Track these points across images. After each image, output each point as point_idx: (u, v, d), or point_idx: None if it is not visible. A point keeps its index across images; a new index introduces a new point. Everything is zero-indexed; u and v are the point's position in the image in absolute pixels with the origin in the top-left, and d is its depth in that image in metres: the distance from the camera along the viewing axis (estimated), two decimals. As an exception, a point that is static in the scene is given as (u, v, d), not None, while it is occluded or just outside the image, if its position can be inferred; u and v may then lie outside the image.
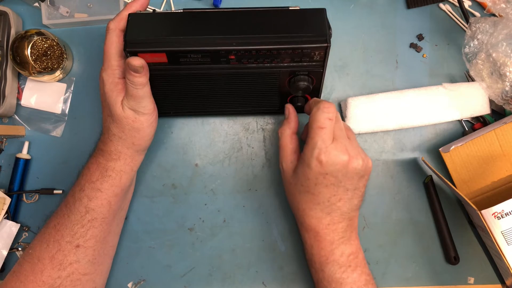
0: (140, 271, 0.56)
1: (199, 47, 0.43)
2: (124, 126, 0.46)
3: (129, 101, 0.45)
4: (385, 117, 0.55)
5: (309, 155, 0.44)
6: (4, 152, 0.57)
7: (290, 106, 0.51)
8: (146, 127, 0.47)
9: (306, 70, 0.46)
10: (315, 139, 0.43)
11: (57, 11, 0.56)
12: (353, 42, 0.58)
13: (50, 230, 0.47)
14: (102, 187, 0.47)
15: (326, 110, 0.43)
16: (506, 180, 0.55)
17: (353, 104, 0.55)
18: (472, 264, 0.57)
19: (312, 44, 0.43)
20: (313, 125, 0.44)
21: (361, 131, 0.56)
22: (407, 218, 0.57)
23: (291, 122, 0.50)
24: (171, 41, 0.43)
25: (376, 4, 0.58)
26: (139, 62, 0.42)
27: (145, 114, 0.46)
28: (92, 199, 0.46)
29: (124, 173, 0.48)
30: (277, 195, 0.57)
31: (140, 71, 0.42)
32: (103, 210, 0.47)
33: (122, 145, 0.47)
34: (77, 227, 0.46)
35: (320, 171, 0.44)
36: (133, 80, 0.43)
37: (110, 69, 0.45)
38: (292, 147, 0.49)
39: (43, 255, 0.46)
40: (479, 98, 0.55)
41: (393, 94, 0.56)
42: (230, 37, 0.43)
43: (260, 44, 0.43)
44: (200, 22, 0.44)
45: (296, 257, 0.57)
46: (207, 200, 0.57)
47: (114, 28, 0.44)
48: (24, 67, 0.52)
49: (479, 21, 0.54)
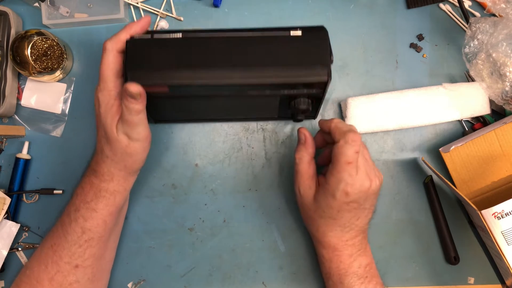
0: (140, 271, 0.56)
1: (200, 80, 0.42)
2: (117, 150, 0.45)
3: (123, 126, 0.43)
4: (385, 117, 0.55)
5: (335, 187, 0.44)
6: (4, 152, 0.57)
7: (306, 131, 0.50)
8: (140, 152, 0.46)
9: (306, 95, 0.46)
10: (342, 173, 0.43)
11: (57, 11, 0.56)
12: (353, 42, 0.58)
13: (47, 251, 0.47)
14: (97, 207, 0.46)
15: (353, 144, 0.43)
16: (506, 180, 0.55)
17: (353, 104, 0.55)
18: (472, 264, 0.57)
19: (313, 78, 0.43)
20: (340, 159, 0.43)
21: (361, 131, 0.56)
22: (407, 218, 0.57)
23: (308, 148, 0.49)
24: (172, 75, 0.42)
25: (376, 4, 0.58)
26: (137, 89, 0.41)
27: (139, 140, 0.45)
28: (88, 220, 0.46)
29: (118, 193, 0.48)
30: (277, 195, 0.57)
31: (138, 98, 0.41)
32: (99, 229, 0.47)
33: (114, 167, 0.46)
34: (75, 247, 0.46)
35: (345, 200, 0.45)
36: (129, 106, 0.42)
37: (106, 90, 0.44)
38: (310, 173, 0.49)
39: (41, 276, 0.46)
40: (479, 98, 0.55)
41: (393, 94, 0.56)
42: (231, 72, 0.42)
43: (261, 78, 0.43)
44: (199, 51, 0.43)
45: (296, 257, 0.57)
46: (207, 200, 0.57)
47: (111, 49, 0.43)
48: (24, 67, 0.52)
49: (479, 21, 0.54)
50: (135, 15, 0.57)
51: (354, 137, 0.43)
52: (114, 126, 0.44)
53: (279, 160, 0.57)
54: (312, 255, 0.57)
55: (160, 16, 0.58)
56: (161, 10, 0.57)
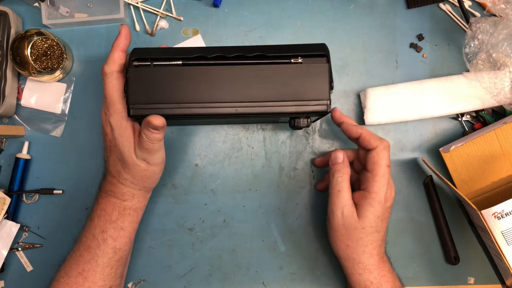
0: (140, 271, 0.56)
1: (201, 110, 0.43)
2: (136, 173, 0.46)
3: (142, 153, 0.44)
4: (405, 107, 0.55)
5: (382, 192, 0.46)
6: (4, 152, 0.57)
7: (341, 152, 0.50)
8: (157, 173, 0.48)
9: (306, 115, 0.47)
10: (385, 176, 0.46)
11: (57, 11, 0.56)
12: (353, 42, 0.58)
13: (76, 279, 0.46)
14: (124, 225, 0.47)
15: (389, 149, 0.47)
16: (506, 180, 0.55)
17: (373, 94, 0.54)
18: (472, 264, 0.57)
19: (313, 108, 0.44)
20: (381, 163, 0.46)
21: (381, 122, 0.55)
22: (407, 218, 0.57)
23: (347, 166, 0.49)
24: (174, 108, 0.43)
25: (376, 4, 0.58)
26: (161, 121, 0.42)
27: (158, 164, 0.46)
28: (117, 239, 0.47)
29: (139, 209, 0.49)
30: (277, 195, 0.57)
31: (160, 129, 0.42)
32: (127, 247, 0.49)
33: (134, 188, 0.48)
34: (107, 269, 0.46)
35: (388, 205, 0.47)
36: (150, 137, 0.43)
37: (117, 113, 0.44)
38: (351, 191, 0.48)
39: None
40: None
41: (413, 85, 0.55)
42: (232, 103, 0.43)
43: (262, 109, 0.43)
44: (200, 81, 0.43)
45: (296, 257, 0.57)
46: (207, 200, 0.57)
47: (111, 72, 0.44)
48: (24, 67, 0.52)
49: (480, 21, 0.54)
50: (135, 15, 0.57)
51: (387, 143, 0.47)
52: (133, 152, 0.45)
53: (279, 160, 0.57)
54: (312, 255, 0.57)
55: (160, 16, 0.58)
56: (161, 10, 0.57)
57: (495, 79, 0.53)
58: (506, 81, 0.53)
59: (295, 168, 0.57)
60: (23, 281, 0.56)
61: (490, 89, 0.54)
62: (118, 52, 0.44)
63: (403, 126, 0.58)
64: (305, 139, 0.58)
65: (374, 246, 0.48)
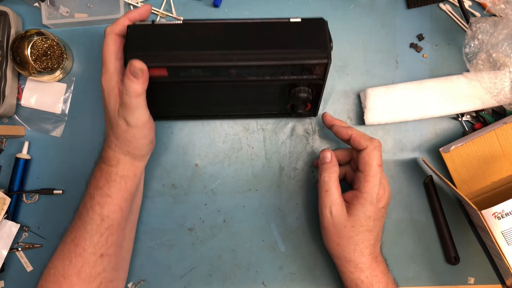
0: (140, 271, 0.56)
1: (199, 62, 0.42)
2: (118, 134, 0.45)
3: (122, 110, 0.43)
4: (405, 107, 0.55)
5: (373, 192, 0.46)
6: (4, 152, 0.57)
7: (329, 152, 0.50)
8: (139, 138, 0.46)
9: (306, 82, 0.46)
10: (377, 176, 0.46)
11: (57, 11, 0.56)
12: (353, 42, 0.58)
13: (69, 246, 0.46)
14: (110, 192, 0.46)
15: (380, 148, 0.47)
16: (506, 180, 0.55)
17: (372, 94, 0.54)
18: (472, 264, 0.57)
19: (313, 61, 0.43)
20: (373, 163, 0.46)
21: (381, 122, 0.55)
22: (407, 218, 0.57)
23: (335, 165, 0.50)
24: (172, 56, 0.42)
25: (376, 4, 0.58)
26: (140, 65, 0.41)
27: (137, 126, 0.44)
28: (104, 206, 0.46)
29: (127, 177, 0.48)
30: (277, 195, 0.57)
31: (139, 74, 0.41)
32: (117, 216, 0.47)
33: (118, 151, 0.46)
34: (97, 236, 0.46)
35: (380, 206, 0.47)
36: (129, 86, 0.41)
37: (108, 73, 0.44)
38: (340, 190, 0.49)
39: (68, 272, 0.45)
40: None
41: (413, 85, 0.55)
42: (230, 52, 0.42)
43: (260, 60, 0.43)
44: (200, 35, 0.43)
45: (296, 257, 0.57)
46: (207, 200, 0.57)
47: (110, 32, 0.44)
48: (24, 67, 0.52)
49: (480, 21, 0.54)
50: (135, 15, 0.57)
51: (378, 143, 0.47)
52: (116, 110, 0.44)
53: (279, 160, 0.57)
54: (312, 255, 0.57)
55: (160, 16, 0.58)
56: (161, 10, 0.57)
57: (495, 79, 0.53)
58: (506, 81, 0.53)
59: (295, 168, 0.57)
60: (23, 281, 0.56)
61: (490, 89, 0.54)
62: (126, 19, 0.44)
63: (403, 126, 0.58)
64: (305, 139, 0.58)
65: (365, 245, 0.48)
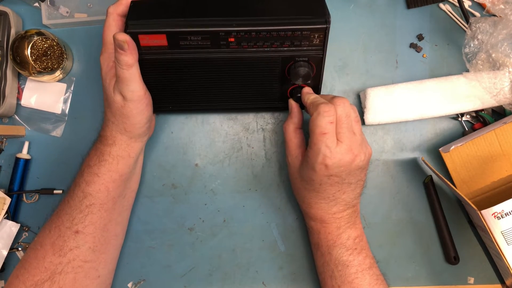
0: (140, 271, 0.56)
1: (199, 28, 0.43)
2: (115, 111, 0.45)
3: (117, 84, 0.44)
4: (405, 107, 0.55)
5: (314, 160, 0.44)
6: (4, 152, 0.57)
7: (293, 102, 0.51)
8: (136, 114, 0.46)
9: (306, 55, 0.47)
10: (318, 145, 0.43)
11: (57, 11, 0.56)
12: (353, 42, 0.58)
13: (53, 217, 0.47)
14: (99, 171, 0.46)
15: (326, 114, 0.42)
16: (506, 180, 0.55)
17: (372, 94, 0.54)
18: (472, 264, 0.57)
19: (312, 26, 0.43)
20: (315, 131, 0.43)
21: (381, 122, 0.55)
22: (407, 218, 0.57)
23: (294, 117, 0.50)
24: (172, 23, 0.43)
25: (376, 4, 0.58)
26: (123, 37, 0.41)
27: (133, 100, 0.44)
28: (89, 184, 0.46)
29: (121, 158, 0.47)
30: (277, 195, 0.57)
31: (124, 46, 0.41)
32: (101, 195, 0.47)
33: (115, 130, 0.47)
34: (76, 212, 0.46)
35: (325, 173, 0.44)
36: (119, 59, 0.42)
37: (107, 53, 0.45)
38: (296, 142, 0.50)
39: (45, 241, 0.46)
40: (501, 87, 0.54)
41: (413, 85, 0.55)
42: (230, 19, 0.43)
43: (260, 25, 0.43)
44: (199, 3, 0.45)
45: (296, 257, 0.57)
46: (207, 200, 0.57)
47: (112, 12, 0.45)
48: (24, 67, 0.52)
49: (479, 21, 0.54)
50: (135, 15, 0.57)
51: (326, 108, 0.42)
52: (112, 87, 0.45)
53: (279, 160, 0.57)
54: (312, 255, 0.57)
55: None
56: None
57: (495, 79, 0.53)
58: (505, 81, 0.53)
59: (295, 168, 0.57)
60: (23, 281, 0.56)
61: (490, 89, 0.54)
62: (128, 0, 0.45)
63: (403, 126, 0.58)
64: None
65: (313, 201, 0.48)
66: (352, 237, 0.48)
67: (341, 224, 0.48)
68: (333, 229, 0.48)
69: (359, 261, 0.47)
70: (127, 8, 0.45)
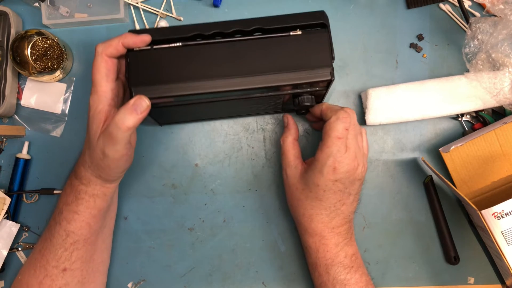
0: (140, 271, 0.56)
1: (204, 89, 0.43)
2: (93, 159, 0.44)
3: (104, 138, 0.41)
4: (406, 107, 0.55)
5: (323, 162, 0.45)
6: (4, 152, 0.57)
7: (289, 116, 0.54)
8: (113, 168, 0.44)
9: (309, 93, 0.47)
10: (332, 148, 0.45)
11: (57, 11, 0.56)
12: (353, 42, 0.58)
13: (36, 255, 0.47)
14: (78, 209, 0.46)
15: (344, 120, 0.45)
16: (506, 180, 0.55)
17: (373, 95, 0.54)
18: (472, 264, 0.57)
19: (317, 79, 0.44)
20: (331, 134, 0.45)
21: (382, 122, 0.55)
22: (407, 218, 0.57)
23: (291, 129, 0.53)
24: (176, 87, 0.43)
25: (376, 4, 0.58)
26: (148, 103, 0.41)
27: (114, 159, 0.43)
28: (70, 222, 0.46)
29: (97, 197, 0.46)
30: (277, 195, 0.57)
31: (142, 109, 0.40)
32: (84, 232, 0.47)
33: (91, 173, 0.45)
34: (61, 250, 0.46)
35: (331, 178, 0.45)
36: (123, 117, 0.39)
37: (96, 94, 0.43)
38: (294, 153, 0.51)
39: (31, 281, 0.46)
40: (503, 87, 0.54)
41: (414, 85, 0.55)
42: (234, 79, 0.43)
43: (264, 83, 0.43)
44: (201, 60, 0.43)
45: (296, 257, 0.57)
46: (207, 200, 0.57)
47: (101, 52, 0.43)
48: (24, 67, 0.52)
49: (479, 21, 0.54)
50: (135, 15, 0.57)
51: (344, 115, 0.45)
52: (97, 135, 0.43)
53: (279, 160, 0.57)
54: (312, 255, 0.57)
55: (160, 16, 0.58)
56: (161, 10, 0.57)
57: (495, 79, 0.53)
58: (505, 81, 0.53)
59: (295, 168, 0.57)
60: (23, 281, 0.56)
61: (490, 89, 0.54)
62: (119, 41, 0.43)
63: (403, 126, 0.58)
64: (304, 139, 0.58)
65: (315, 212, 0.48)
66: (349, 254, 0.48)
67: (339, 241, 0.48)
68: (332, 246, 0.48)
69: (356, 279, 0.48)
70: (116, 51, 0.43)
